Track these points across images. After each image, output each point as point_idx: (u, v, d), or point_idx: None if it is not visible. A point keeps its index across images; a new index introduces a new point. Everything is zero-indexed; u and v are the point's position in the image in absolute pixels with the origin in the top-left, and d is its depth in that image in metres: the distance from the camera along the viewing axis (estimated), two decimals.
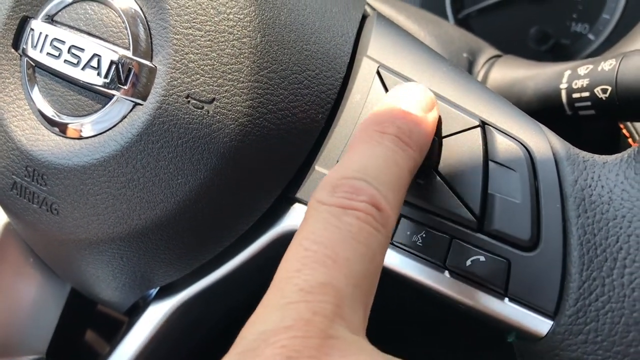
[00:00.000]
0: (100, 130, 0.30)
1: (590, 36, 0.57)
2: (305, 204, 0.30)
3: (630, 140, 0.41)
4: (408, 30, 0.42)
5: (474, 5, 0.62)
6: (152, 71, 0.29)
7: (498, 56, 0.44)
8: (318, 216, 0.23)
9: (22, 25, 0.32)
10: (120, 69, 0.29)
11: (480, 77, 0.43)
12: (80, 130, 0.30)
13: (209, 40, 0.28)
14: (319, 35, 0.30)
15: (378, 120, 0.27)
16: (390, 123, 0.26)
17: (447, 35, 0.43)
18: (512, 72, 0.42)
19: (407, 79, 0.30)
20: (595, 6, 0.56)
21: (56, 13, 0.31)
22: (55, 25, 0.31)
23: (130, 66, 0.29)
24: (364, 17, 0.34)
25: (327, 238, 0.22)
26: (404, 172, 0.25)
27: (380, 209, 0.23)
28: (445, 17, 0.63)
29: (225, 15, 0.28)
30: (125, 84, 0.29)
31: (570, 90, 0.35)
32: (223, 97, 0.28)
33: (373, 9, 0.36)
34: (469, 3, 0.62)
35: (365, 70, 0.31)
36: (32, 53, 0.31)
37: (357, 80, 0.30)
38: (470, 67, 0.43)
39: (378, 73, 0.30)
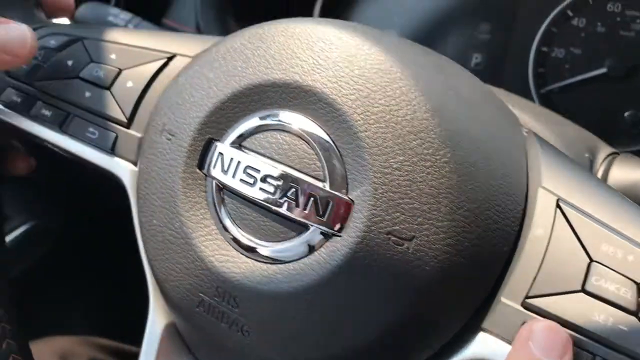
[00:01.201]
0: (293, 257, 0.31)
1: None
2: (490, 333, 0.31)
3: None
4: (534, 129, 0.44)
5: (557, 82, 0.64)
6: (349, 205, 0.30)
7: (615, 153, 0.46)
8: None
9: (208, 146, 0.34)
10: (319, 202, 0.31)
11: (600, 175, 0.45)
12: (274, 256, 0.32)
13: (407, 180, 0.30)
14: (501, 170, 0.32)
15: None
16: None
17: (568, 135, 0.45)
18: (635, 172, 0.43)
19: (589, 215, 0.31)
20: None
21: (245, 139, 0.33)
22: (244, 152, 0.33)
23: (329, 199, 0.31)
24: None
25: None
26: None
27: None
28: (528, 92, 0.65)
29: (422, 157, 0.30)
30: (323, 216, 0.31)
31: None
32: (422, 234, 0.30)
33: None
34: (552, 80, 0.64)
35: (543, 203, 0.32)
36: (221, 176, 0.33)
37: (536, 213, 0.32)
38: (590, 167, 0.45)
39: (559, 207, 0.31)
